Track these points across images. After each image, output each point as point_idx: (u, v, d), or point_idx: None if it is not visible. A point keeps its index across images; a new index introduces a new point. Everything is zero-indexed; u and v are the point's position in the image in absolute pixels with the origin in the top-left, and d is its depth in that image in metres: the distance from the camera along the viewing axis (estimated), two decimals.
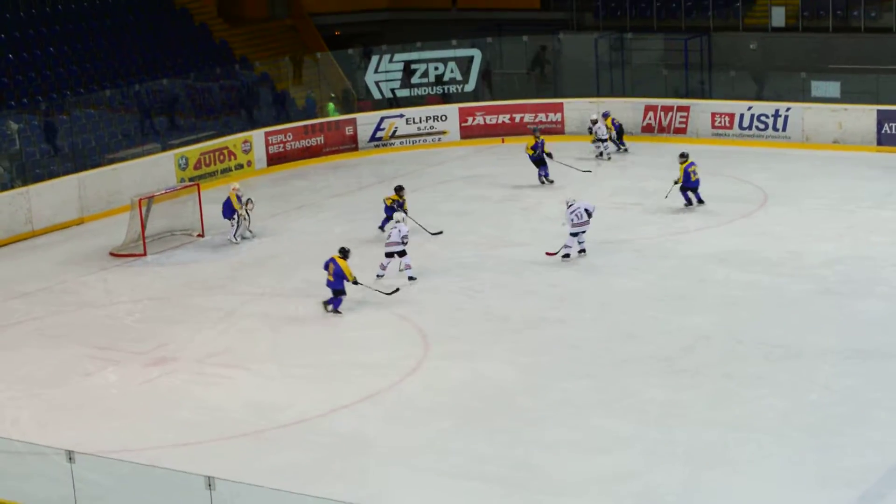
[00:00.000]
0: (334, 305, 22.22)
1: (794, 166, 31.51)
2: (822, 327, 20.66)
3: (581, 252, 24.71)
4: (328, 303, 22.28)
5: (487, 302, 22.77)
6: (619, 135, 33.74)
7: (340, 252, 22.22)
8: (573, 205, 24.48)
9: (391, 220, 25.22)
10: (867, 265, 23.62)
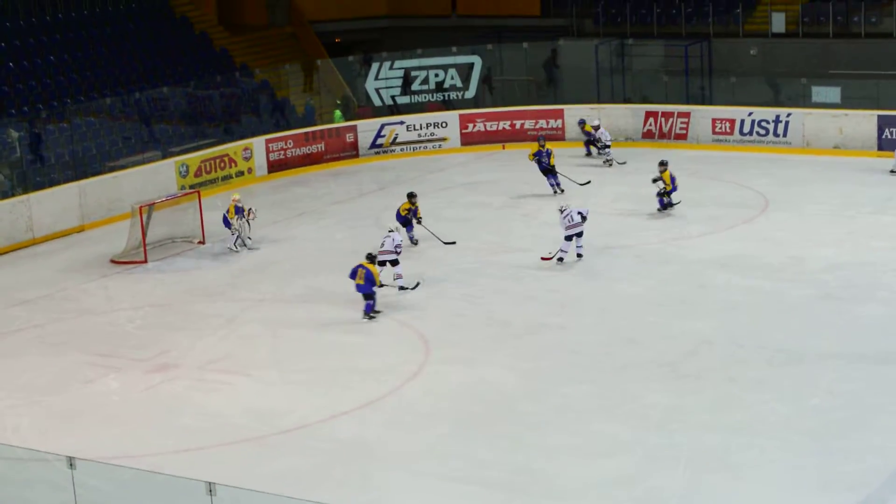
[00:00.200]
0: (367, 310, 22.24)
1: (794, 172, 31.52)
2: (824, 332, 20.66)
3: (578, 257, 24.74)
4: (366, 311, 22.27)
5: (488, 307, 22.76)
6: (592, 141, 33.75)
7: (368, 258, 22.37)
8: (566, 209, 24.61)
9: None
10: (868, 270, 23.62)
